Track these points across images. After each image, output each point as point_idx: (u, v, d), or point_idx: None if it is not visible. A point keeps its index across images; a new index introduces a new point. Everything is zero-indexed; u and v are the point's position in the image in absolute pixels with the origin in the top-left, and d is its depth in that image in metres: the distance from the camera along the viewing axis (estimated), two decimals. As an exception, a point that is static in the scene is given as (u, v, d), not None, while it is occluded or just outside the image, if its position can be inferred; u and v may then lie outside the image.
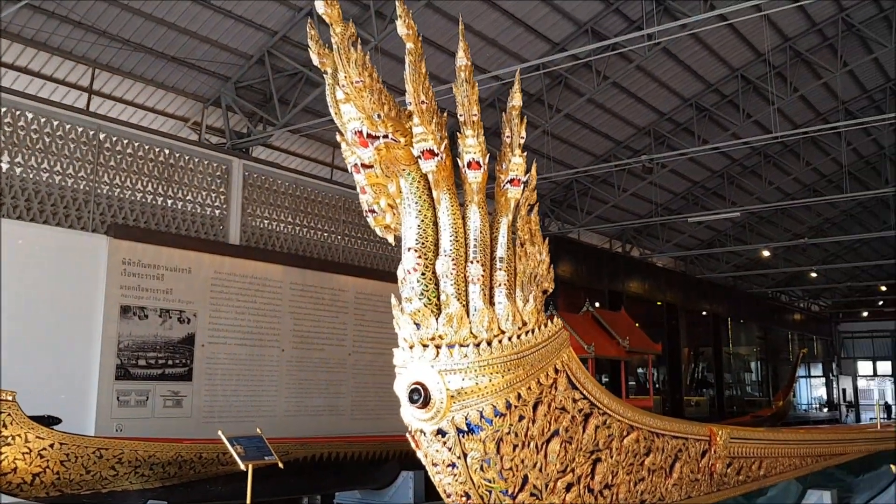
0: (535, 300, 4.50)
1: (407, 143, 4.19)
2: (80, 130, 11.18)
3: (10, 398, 6.95)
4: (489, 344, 4.19)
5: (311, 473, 9.84)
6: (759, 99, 19.61)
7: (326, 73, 4.59)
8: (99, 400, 10.64)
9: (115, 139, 11.62)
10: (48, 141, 10.78)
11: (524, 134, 4.59)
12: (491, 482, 4.24)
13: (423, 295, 4.23)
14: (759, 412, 26.70)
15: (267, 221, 13.70)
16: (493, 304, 4.26)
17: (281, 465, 7.23)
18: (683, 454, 5.58)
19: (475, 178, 4.28)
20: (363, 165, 4.40)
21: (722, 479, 5.94)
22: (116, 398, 10.87)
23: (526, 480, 4.36)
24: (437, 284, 4.24)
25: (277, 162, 14.93)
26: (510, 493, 4.32)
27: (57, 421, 7.54)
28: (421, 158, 4.17)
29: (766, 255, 28.55)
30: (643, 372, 23.83)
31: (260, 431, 7.64)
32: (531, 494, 4.39)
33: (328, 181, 15.24)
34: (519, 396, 4.27)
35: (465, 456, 4.18)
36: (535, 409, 4.43)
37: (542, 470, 4.44)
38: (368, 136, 4.13)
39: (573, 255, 22.28)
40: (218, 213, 12.89)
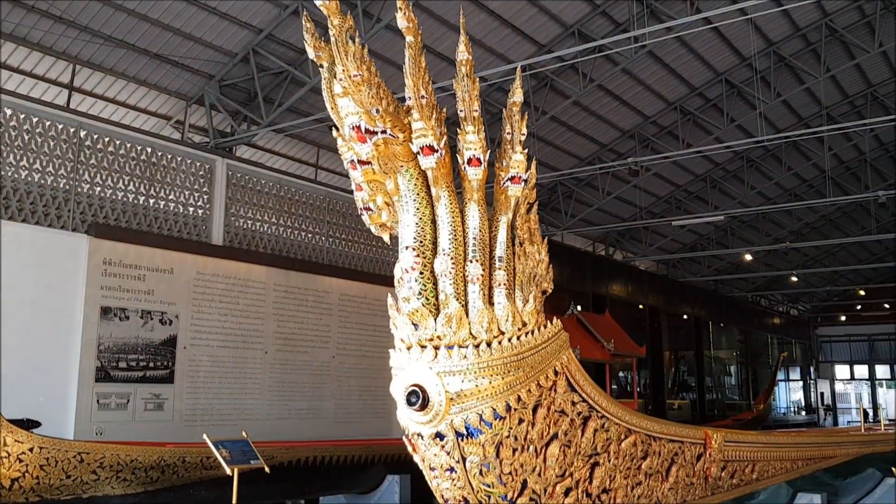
0: (534, 300, 4.42)
1: (405, 138, 4.08)
2: (60, 128, 10.95)
3: (-13, 401, 6.75)
4: (489, 345, 4.10)
5: (295, 478, 9.70)
6: (742, 103, 19.71)
7: (322, 66, 4.46)
8: (78, 403, 10.41)
9: (96, 137, 11.40)
10: (27, 138, 10.55)
11: (525, 131, 4.51)
12: (490, 487, 4.15)
13: (421, 294, 4.14)
14: (740, 415, 26.85)
15: (250, 222, 13.52)
16: (492, 304, 4.17)
17: (267, 469, 7.09)
18: (679, 458, 5.52)
19: (475, 174, 4.19)
20: (360, 162, 4.29)
21: (716, 482, 5.90)
22: (96, 401, 10.64)
23: (525, 485, 4.28)
24: (435, 284, 4.14)
25: (261, 162, 14.75)
26: (509, 497, 4.23)
27: (36, 424, 7.35)
28: (420, 154, 4.07)
29: (747, 258, 28.72)
30: (624, 375, 23.86)
31: (245, 435, 7.49)
32: (530, 499, 4.31)
33: (312, 181, 15.09)
34: (519, 399, 4.19)
35: (464, 460, 4.09)
36: (534, 411, 4.35)
37: (541, 474, 4.36)
38: (367, 131, 4.02)
39: (557, 257, 22.05)
40: (201, 213, 12.71)
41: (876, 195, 17.83)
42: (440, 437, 4.09)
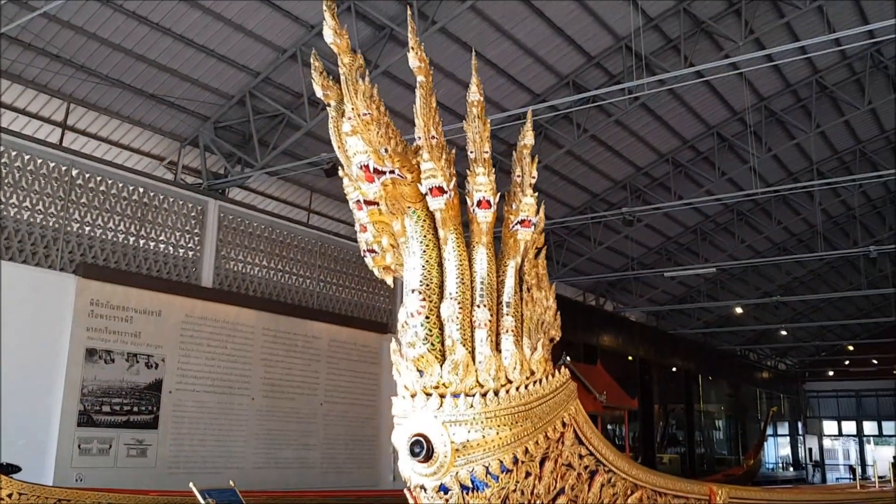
0: (542, 348, 4.28)
1: (413, 179, 3.98)
2: (52, 166, 10.84)
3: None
4: (496, 394, 3.95)
5: (282, 529, 9.40)
6: (733, 157, 19.86)
7: (329, 105, 4.40)
8: (59, 447, 10.12)
9: (87, 176, 11.30)
10: (18, 175, 10.42)
11: (535, 174, 4.42)
12: (495, 543, 3.96)
13: (426, 340, 3.98)
14: (730, 471, 26.50)
15: (241, 265, 13.37)
16: (499, 351, 4.03)
17: (255, 520, 6.83)
18: (685, 514, 5.35)
19: (485, 217, 4.08)
20: (366, 202, 4.18)
21: (720, 540, 5.72)
22: (78, 446, 10.34)
23: (531, 542, 4.09)
24: (441, 329, 3.99)
25: (253, 204, 14.65)
26: (514, 556, 4.04)
27: (16, 469, 7.07)
28: (429, 195, 3.96)
29: (738, 311, 28.69)
30: (612, 428, 23.55)
31: (233, 484, 7.26)
32: (536, 558, 4.11)
33: (305, 225, 14.98)
34: (526, 451, 4.03)
35: (469, 515, 3.90)
36: (541, 465, 4.19)
37: (547, 531, 4.17)
38: (375, 170, 3.91)
39: (548, 306, 22.04)
40: (191, 254, 12.55)
41: (867, 250, 17.88)
42: (444, 490, 3.91)
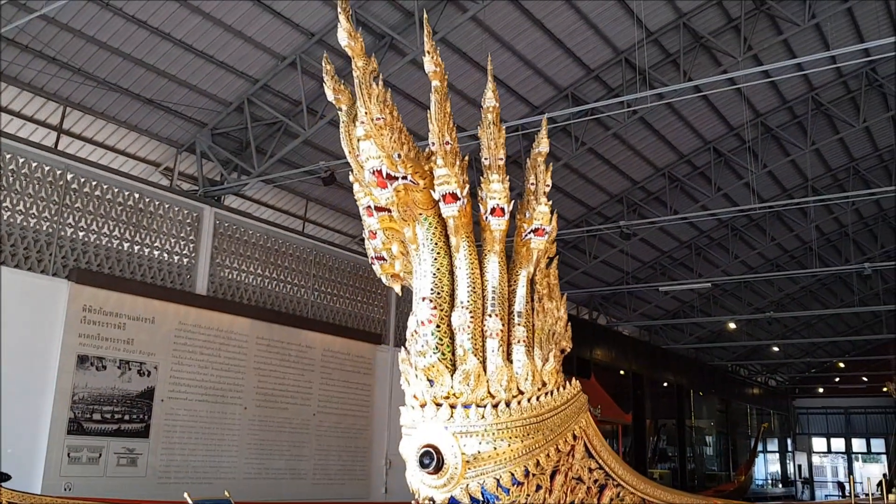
0: (554, 359, 4.21)
1: (426, 185, 3.91)
2: (46, 169, 10.71)
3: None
4: (508, 405, 3.87)
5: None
6: (729, 172, 19.90)
7: (340, 109, 4.32)
8: (48, 455, 9.93)
9: (82, 180, 11.16)
10: (12, 179, 10.28)
11: (549, 182, 4.37)
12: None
13: (437, 349, 3.89)
14: (721, 487, 26.41)
15: (236, 272, 13.24)
16: (510, 361, 3.95)
17: (251, 532, 6.71)
18: (691, 530, 5.27)
19: (498, 225, 4.03)
20: (377, 208, 4.11)
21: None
22: (67, 454, 10.16)
23: (540, 557, 4.00)
24: (452, 338, 3.91)
25: (248, 212, 14.53)
26: (524, 570, 3.95)
27: (6, 478, 6.92)
28: (442, 202, 3.89)
29: (731, 327, 28.70)
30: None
31: (228, 494, 7.14)
32: (545, 572, 4.02)
33: (300, 234, 14.87)
34: (537, 464, 3.96)
35: (479, 529, 3.81)
36: (552, 478, 4.11)
37: (557, 546, 4.09)
38: (388, 176, 3.83)
39: (541, 319, 21.98)
40: (186, 261, 12.42)
41: (862, 267, 17.90)
42: (454, 502, 3.84)
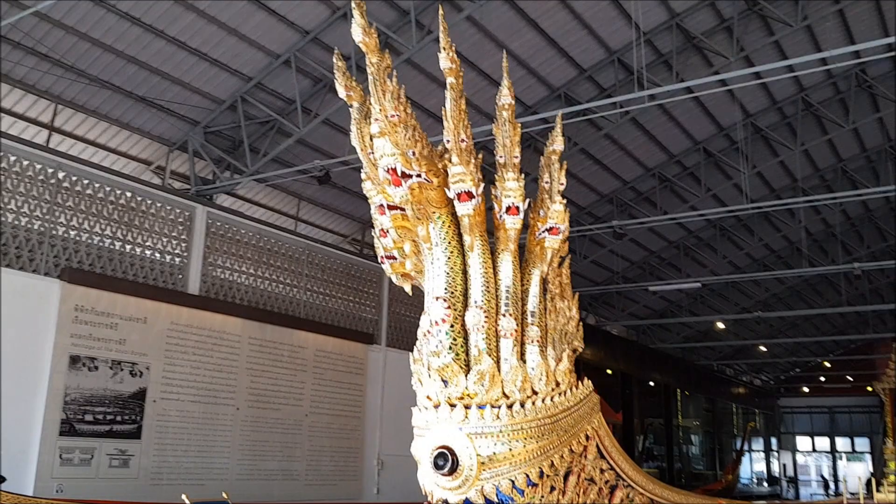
0: (567, 359, 4.19)
1: (439, 183, 3.87)
2: (38, 168, 10.59)
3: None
4: (522, 405, 3.83)
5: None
6: (717, 172, 19.98)
7: (352, 106, 4.28)
8: (40, 457, 9.82)
9: (74, 179, 11.04)
10: (2, 177, 10.15)
11: (564, 180, 4.34)
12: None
13: (451, 349, 3.85)
14: (708, 486, 26.54)
15: (228, 272, 13.14)
16: (524, 361, 3.92)
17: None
18: (698, 530, 5.27)
19: (513, 224, 3.98)
20: (389, 207, 4.06)
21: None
22: (59, 455, 10.04)
23: (553, 558, 3.97)
24: (465, 338, 3.87)
25: (241, 211, 14.42)
26: (536, 572, 3.92)
27: (1, 480, 6.81)
28: (457, 200, 3.85)
29: (720, 327, 28.84)
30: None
31: (226, 496, 7.07)
32: (558, 574, 4.00)
33: (292, 233, 14.78)
34: (552, 465, 3.92)
35: (493, 531, 3.77)
36: (565, 479, 4.08)
37: (569, 547, 4.07)
38: (402, 174, 3.79)
39: (531, 319, 21.97)
40: (178, 261, 12.31)
41: (852, 267, 18.02)
42: (468, 504, 3.78)
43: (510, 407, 3.76)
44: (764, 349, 34.40)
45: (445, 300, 3.87)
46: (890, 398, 17.31)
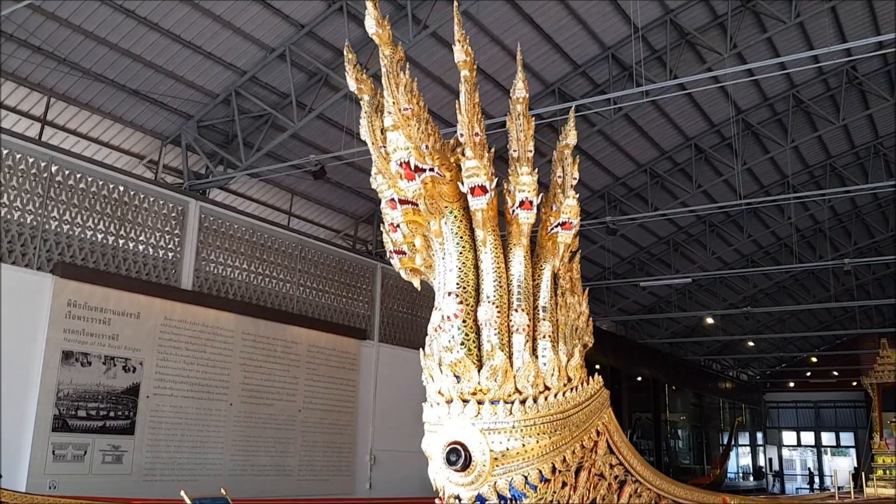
0: (578, 354, 4.18)
1: (452, 177, 3.84)
2: (30, 161, 10.48)
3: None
4: (535, 401, 3.82)
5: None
6: (708, 168, 20.05)
7: (363, 99, 4.24)
8: (33, 453, 9.73)
9: (67, 173, 10.94)
10: (-5, 170, 10.04)
11: (577, 175, 4.32)
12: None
13: (463, 344, 3.83)
14: (697, 480, 26.65)
15: (221, 267, 13.06)
16: (535, 356, 3.90)
17: (251, 530, 6.62)
18: (702, 523, 5.32)
19: (527, 218, 3.96)
20: (401, 201, 4.03)
21: (731, 549, 5.71)
22: (52, 452, 9.96)
23: (564, 553, 3.97)
24: (478, 333, 3.85)
25: (234, 206, 14.34)
26: (548, 566, 3.92)
27: (-2, 476, 6.76)
28: (470, 195, 3.82)
29: (710, 322, 28.96)
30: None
31: (225, 492, 7.03)
32: (568, 568, 4.00)
33: (286, 228, 14.71)
34: (564, 460, 3.91)
35: (506, 527, 3.77)
36: (576, 474, 4.08)
37: (580, 541, 4.07)
38: (415, 168, 3.76)
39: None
40: (171, 255, 12.23)
41: (842, 263, 18.14)
42: (481, 500, 3.79)
43: (523, 402, 3.74)
44: (751, 344, 34.60)
45: (458, 295, 3.84)
46: (878, 393, 17.48)
